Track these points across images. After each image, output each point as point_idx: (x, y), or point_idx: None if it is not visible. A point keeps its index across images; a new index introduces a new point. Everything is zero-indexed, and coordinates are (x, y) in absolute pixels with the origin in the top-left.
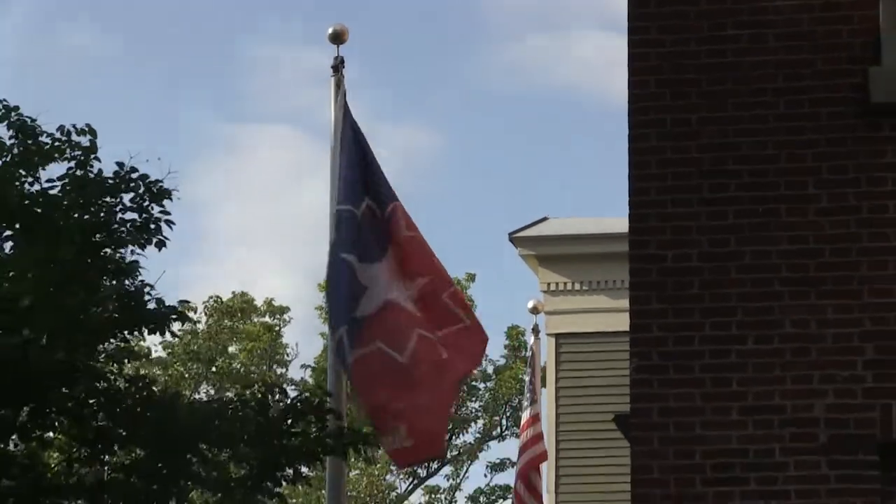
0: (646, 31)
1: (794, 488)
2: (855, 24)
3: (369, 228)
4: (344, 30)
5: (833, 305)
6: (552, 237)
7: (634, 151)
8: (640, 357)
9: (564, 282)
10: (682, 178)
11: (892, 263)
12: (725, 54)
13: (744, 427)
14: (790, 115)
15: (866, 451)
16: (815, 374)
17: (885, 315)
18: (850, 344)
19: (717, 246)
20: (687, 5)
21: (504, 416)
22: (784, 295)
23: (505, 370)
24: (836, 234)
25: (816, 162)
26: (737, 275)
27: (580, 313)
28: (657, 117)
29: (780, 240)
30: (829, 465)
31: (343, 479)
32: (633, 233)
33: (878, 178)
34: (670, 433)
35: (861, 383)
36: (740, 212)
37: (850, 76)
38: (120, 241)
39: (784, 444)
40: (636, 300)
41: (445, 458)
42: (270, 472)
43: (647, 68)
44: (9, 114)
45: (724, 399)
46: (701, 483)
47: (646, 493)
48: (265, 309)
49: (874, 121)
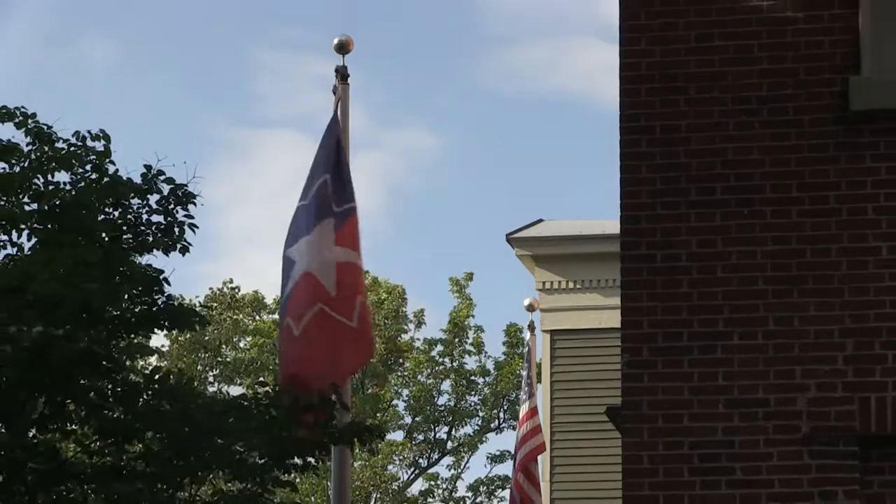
0: (637, 41)
1: (778, 477)
2: (836, 36)
3: (314, 203)
4: (349, 40)
5: (815, 303)
6: (547, 238)
7: (626, 156)
8: (631, 352)
9: (559, 281)
10: (672, 182)
11: (871, 263)
12: (712, 64)
13: (729, 419)
14: (774, 121)
15: (846, 443)
16: (798, 369)
17: (865, 312)
18: (831, 340)
19: (704, 246)
20: (676, 17)
21: (502, 410)
22: (768, 293)
23: (504, 366)
24: (817, 235)
25: (799, 166)
26: (723, 274)
27: (574, 311)
28: (647, 124)
29: (764, 241)
30: (810, 456)
31: (347, 469)
32: (624, 234)
33: (857, 181)
34: (659, 425)
35: (841, 377)
36: (726, 214)
37: (831, 85)
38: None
39: (768, 435)
40: (627, 298)
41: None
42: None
43: (637, 77)
44: (26, 121)
45: (711, 392)
46: (688, 472)
47: (636, 482)
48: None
49: (854, 127)
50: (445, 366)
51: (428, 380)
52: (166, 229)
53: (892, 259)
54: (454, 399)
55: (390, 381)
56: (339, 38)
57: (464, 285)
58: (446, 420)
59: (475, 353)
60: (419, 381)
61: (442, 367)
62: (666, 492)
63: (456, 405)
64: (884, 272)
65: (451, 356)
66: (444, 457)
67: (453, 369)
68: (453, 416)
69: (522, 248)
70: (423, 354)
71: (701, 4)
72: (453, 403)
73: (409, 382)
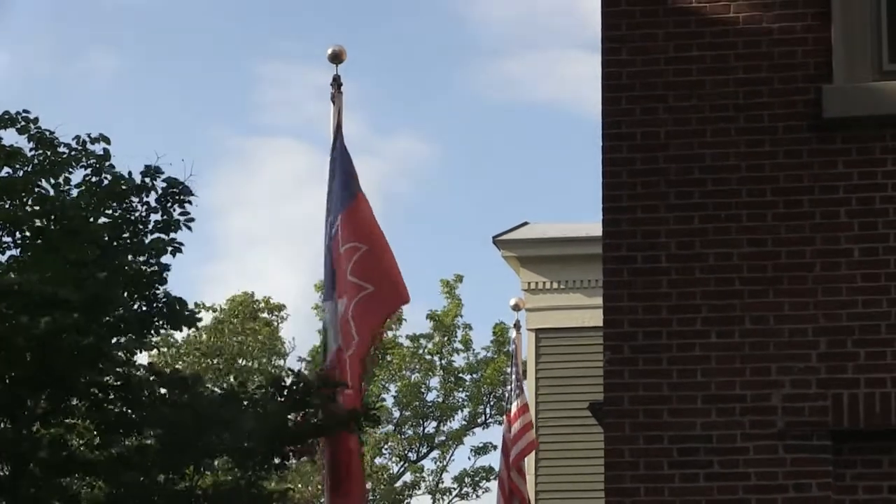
0: (618, 51)
1: (754, 471)
2: (809, 46)
3: (330, 260)
4: (342, 50)
5: (789, 303)
6: (532, 240)
7: (607, 162)
8: (613, 350)
9: (544, 281)
10: (651, 187)
11: (843, 265)
12: (691, 73)
13: (707, 414)
14: (750, 128)
15: (820, 437)
16: (773, 366)
17: (837, 312)
18: (805, 338)
19: (683, 248)
20: (655, 28)
21: (488, 405)
22: (744, 293)
23: (489, 363)
24: (791, 237)
25: (774, 172)
26: (701, 275)
27: (558, 310)
28: (628, 131)
29: (740, 243)
30: (785, 450)
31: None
32: (606, 236)
33: (830, 186)
34: (640, 420)
35: (815, 374)
36: (704, 217)
37: (804, 93)
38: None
39: (744, 430)
40: (609, 298)
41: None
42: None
43: (618, 86)
44: (28, 126)
45: (690, 389)
46: (668, 466)
47: (618, 475)
48: (265, 306)
49: (827, 134)
50: (434, 364)
51: (414, 374)
52: (163, 228)
53: (864, 261)
54: (442, 395)
55: (377, 374)
56: (332, 48)
57: (454, 286)
58: (434, 415)
59: (463, 351)
60: (405, 377)
61: (429, 364)
62: (646, 484)
63: (444, 401)
64: (856, 273)
65: (441, 354)
66: (432, 451)
67: (442, 367)
68: (441, 412)
69: (508, 249)
70: (408, 350)
71: (679, 16)
72: (441, 399)
73: (395, 377)
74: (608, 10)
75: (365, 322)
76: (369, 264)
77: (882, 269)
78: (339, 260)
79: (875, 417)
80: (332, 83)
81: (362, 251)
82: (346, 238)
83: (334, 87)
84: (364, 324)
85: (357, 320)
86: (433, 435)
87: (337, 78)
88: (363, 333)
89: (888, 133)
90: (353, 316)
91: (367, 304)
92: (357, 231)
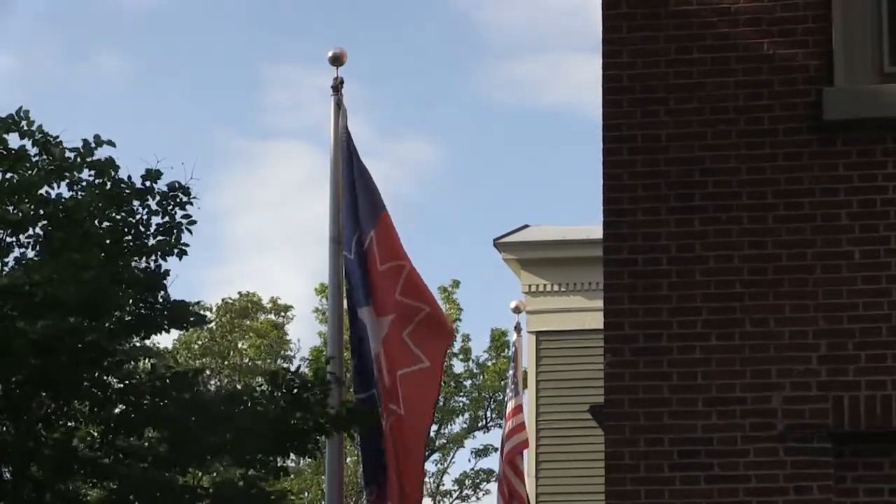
0: (618, 54)
1: (754, 473)
2: (810, 48)
3: (358, 269)
4: (343, 53)
5: (790, 305)
6: (533, 243)
7: (608, 164)
8: (614, 353)
9: (544, 284)
10: (652, 189)
11: (844, 267)
12: (691, 75)
13: (708, 417)
14: (750, 131)
15: (820, 440)
16: (773, 369)
17: (838, 314)
18: (805, 341)
19: (683, 251)
20: (656, 31)
21: (488, 409)
22: (745, 296)
23: (489, 367)
24: (792, 240)
25: (774, 174)
26: (701, 277)
27: (559, 312)
28: (629, 133)
29: (741, 245)
30: (785, 452)
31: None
32: (607, 239)
33: (830, 188)
34: (641, 422)
35: (815, 377)
36: (705, 219)
37: (805, 96)
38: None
39: (745, 432)
40: (610, 300)
41: None
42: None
43: (619, 88)
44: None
45: (690, 391)
46: (668, 468)
47: (618, 478)
48: (271, 307)
49: (827, 137)
50: None
51: None
52: (165, 231)
53: (865, 263)
54: (443, 399)
55: None
56: (333, 50)
57: (451, 292)
58: (435, 419)
59: (463, 360)
60: None
61: None
62: (647, 487)
63: (445, 405)
64: (856, 275)
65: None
66: (433, 453)
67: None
68: (442, 415)
69: (509, 252)
70: None
71: (680, 19)
72: (442, 403)
73: None
74: (609, 12)
75: (429, 345)
76: (418, 284)
77: (883, 272)
78: (376, 273)
79: (876, 419)
80: (333, 85)
81: (407, 270)
82: (385, 256)
83: (335, 89)
84: (429, 347)
85: (422, 343)
86: (434, 438)
87: (338, 80)
88: (433, 357)
89: (889, 135)
90: (411, 335)
91: (428, 326)
92: (392, 249)
